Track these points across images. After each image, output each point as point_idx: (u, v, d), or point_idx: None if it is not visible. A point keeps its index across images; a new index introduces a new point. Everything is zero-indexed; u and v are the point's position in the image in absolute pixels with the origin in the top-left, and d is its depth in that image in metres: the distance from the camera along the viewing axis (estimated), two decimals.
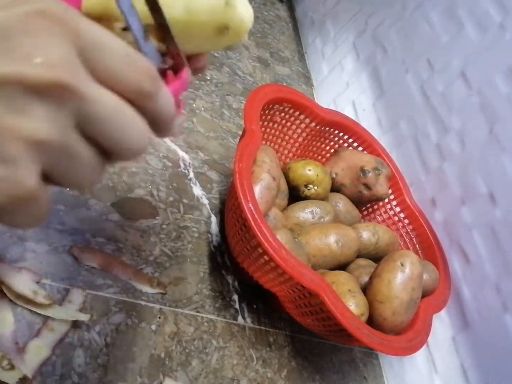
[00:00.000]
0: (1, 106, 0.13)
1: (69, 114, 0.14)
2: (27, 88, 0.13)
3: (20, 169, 0.14)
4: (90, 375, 0.37)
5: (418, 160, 0.70)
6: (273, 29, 1.07)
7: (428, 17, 0.75)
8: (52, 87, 0.13)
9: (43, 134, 0.14)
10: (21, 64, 0.13)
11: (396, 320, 0.46)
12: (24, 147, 0.13)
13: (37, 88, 0.13)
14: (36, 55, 0.13)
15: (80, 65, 0.14)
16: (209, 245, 0.54)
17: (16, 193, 0.14)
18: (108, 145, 0.16)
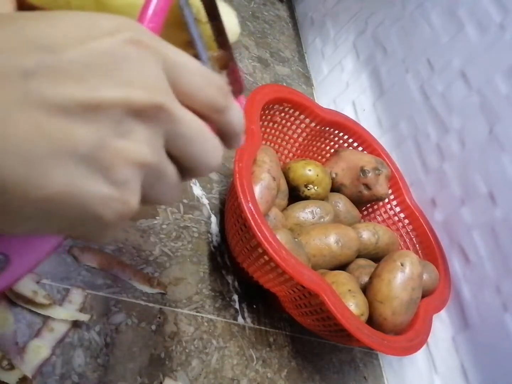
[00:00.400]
0: (109, 129, 0.14)
1: (162, 135, 0.15)
2: (132, 111, 0.14)
3: (129, 190, 0.15)
4: (90, 375, 0.37)
5: (418, 160, 0.70)
6: (273, 29, 1.07)
7: (428, 17, 0.75)
8: (154, 109, 0.15)
9: (147, 156, 0.15)
10: (126, 88, 0.14)
11: (396, 320, 0.46)
12: (132, 169, 0.14)
13: (140, 111, 0.14)
14: (138, 80, 0.14)
15: (169, 87, 0.16)
16: (209, 245, 0.54)
17: (124, 213, 0.15)
18: (190, 163, 0.17)
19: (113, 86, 0.14)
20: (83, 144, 0.13)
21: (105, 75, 0.14)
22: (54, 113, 0.13)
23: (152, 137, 0.15)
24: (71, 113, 0.13)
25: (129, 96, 0.14)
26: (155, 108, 0.15)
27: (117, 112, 0.14)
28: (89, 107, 0.13)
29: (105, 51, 0.14)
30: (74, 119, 0.13)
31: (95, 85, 0.14)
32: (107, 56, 0.14)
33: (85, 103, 0.13)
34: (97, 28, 0.14)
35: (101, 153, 0.14)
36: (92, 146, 0.14)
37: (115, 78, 0.14)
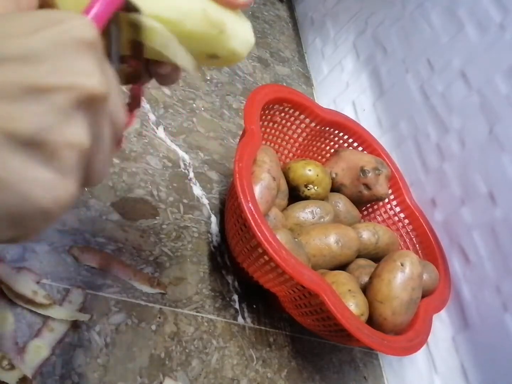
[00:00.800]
0: (54, 113, 0.14)
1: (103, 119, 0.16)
2: (77, 97, 0.15)
3: (71, 175, 0.15)
4: (90, 375, 0.37)
5: (418, 160, 0.70)
6: (273, 29, 1.07)
7: (428, 17, 0.75)
8: (98, 97, 0.15)
9: (88, 141, 0.15)
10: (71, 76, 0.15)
11: (396, 320, 0.46)
12: (75, 157, 0.15)
13: (85, 98, 0.15)
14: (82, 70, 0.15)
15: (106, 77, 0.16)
16: (209, 245, 0.54)
17: (66, 201, 0.15)
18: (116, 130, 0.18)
19: (59, 73, 0.14)
20: (25, 128, 0.13)
21: (51, 63, 0.14)
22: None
23: (93, 122, 0.15)
24: (15, 97, 0.13)
25: (74, 83, 0.14)
26: (101, 97, 0.15)
27: (62, 97, 0.14)
28: (34, 91, 0.14)
29: (52, 42, 0.14)
30: (18, 102, 0.13)
31: (40, 70, 0.14)
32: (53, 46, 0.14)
33: (30, 87, 0.14)
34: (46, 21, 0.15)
35: (44, 137, 0.14)
36: (35, 130, 0.14)
37: (60, 66, 0.14)
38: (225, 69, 0.81)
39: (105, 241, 0.45)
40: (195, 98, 0.69)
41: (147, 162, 0.55)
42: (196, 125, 0.66)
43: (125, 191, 0.50)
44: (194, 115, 0.67)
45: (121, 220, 0.47)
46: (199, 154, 0.62)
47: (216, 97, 0.73)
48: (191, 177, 0.59)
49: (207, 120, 0.68)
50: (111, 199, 0.48)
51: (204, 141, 0.65)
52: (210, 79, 0.75)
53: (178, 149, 0.60)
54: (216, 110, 0.71)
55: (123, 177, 0.51)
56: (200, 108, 0.69)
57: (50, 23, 0.15)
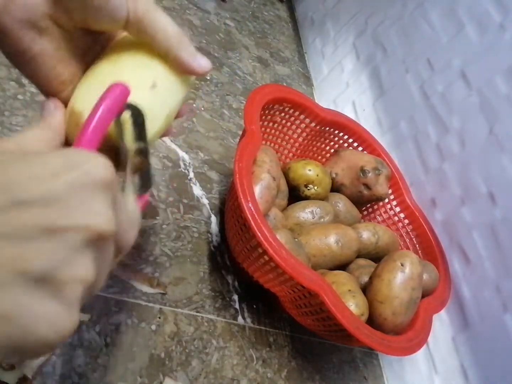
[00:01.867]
0: (65, 252, 0.15)
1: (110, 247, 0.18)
2: (89, 237, 0.16)
3: (75, 309, 0.16)
4: (90, 375, 0.37)
5: (418, 160, 0.70)
6: (273, 29, 1.07)
7: (428, 17, 0.75)
8: (107, 236, 0.17)
9: (94, 276, 0.16)
10: (83, 218, 0.16)
11: (396, 320, 0.46)
12: (81, 289, 0.16)
13: (96, 237, 0.16)
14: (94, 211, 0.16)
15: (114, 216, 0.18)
16: (209, 245, 0.54)
17: (68, 332, 0.16)
18: None
19: (73, 215, 0.16)
20: (36, 266, 0.14)
21: (68, 205, 0.16)
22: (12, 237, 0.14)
23: (99, 254, 0.17)
24: (30, 237, 0.14)
25: (86, 224, 0.16)
26: (108, 235, 0.17)
27: (74, 237, 0.16)
28: (49, 232, 0.15)
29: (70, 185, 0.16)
30: (32, 243, 0.14)
31: (57, 213, 0.15)
32: (71, 189, 0.16)
33: (45, 228, 0.15)
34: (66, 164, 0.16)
35: (53, 274, 0.15)
36: (46, 268, 0.15)
37: (76, 208, 0.16)
38: (225, 69, 0.81)
39: None
40: (195, 98, 0.69)
41: None
42: (196, 125, 0.66)
43: None
44: (194, 115, 0.67)
45: None
46: (199, 154, 0.62)
47: (216, 97, 0.73)
48: (191, 177, 0.59)
49: (207, 120, 0.68)
50: None
51: (204, 141, 0.65)
52: (210, 79, 0.75)
53: (178, 149, 0.60)
54: (216, 110, 0.71)
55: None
56: (200, 108, 0.69)
57: (70, 166, 0.16)
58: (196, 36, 0.81)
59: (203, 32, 0.83)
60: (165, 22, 0.24)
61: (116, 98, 0.21)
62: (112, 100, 0.21)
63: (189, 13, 0.84)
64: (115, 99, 0.21)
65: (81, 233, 0.16)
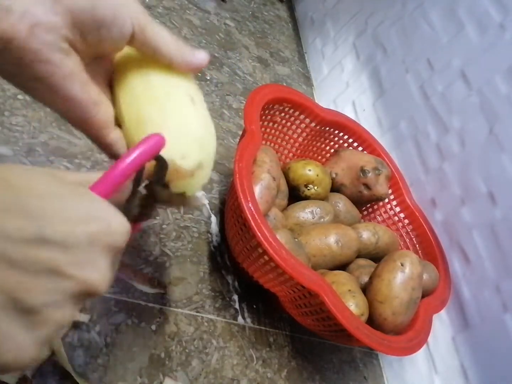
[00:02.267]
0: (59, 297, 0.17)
1: None
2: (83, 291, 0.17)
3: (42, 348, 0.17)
4: (90, 375, 0.37)
5: (418, 160, 0.70)
6: (273, 29, 1.07)
7: (428, 17, 0.75)
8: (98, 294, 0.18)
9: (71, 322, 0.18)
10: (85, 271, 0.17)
11: (396, 320, 0.46)
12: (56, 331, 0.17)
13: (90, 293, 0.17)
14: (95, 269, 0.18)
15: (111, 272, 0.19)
16: (209, 245, 0.54)
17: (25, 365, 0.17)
18: None
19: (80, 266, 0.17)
20: (31, 299, 0.16)
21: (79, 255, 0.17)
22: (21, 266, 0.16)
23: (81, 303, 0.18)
24: (37, 272, 0.16)
25: (87, 279, 0.17)
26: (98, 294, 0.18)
27: (72, 286, 0.17)
28: (54, 273, 0.16)
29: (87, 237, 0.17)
30: (37, 277, 0.16)
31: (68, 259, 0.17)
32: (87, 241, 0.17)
33: (53, 269, 0.16)
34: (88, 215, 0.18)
35: (40, 310, 0.16)
36: (38, 303, 0.16)
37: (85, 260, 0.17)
38: (225, 69, 0.81)
39: None
40: None
41: None
42: None
43: None
44: None
45: None
46: None
47: (216, 97, 0.73)
48: None
49: None
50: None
51: None
52: (210, 79, 0.75)
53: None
54: (216, 110, 0.71)
55: None
56: None
57: (96, 219, 0.18)
58: (196, 36, 0.81)
59: (203, 32, 0.83)
60: (162, 32, 0.25)
61: (150, 149, 0.22)
62: (147, 151, 0.22)
63: (189, 13, 0.84)
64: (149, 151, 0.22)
65: (80, 285, 0.17)
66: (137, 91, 0.26)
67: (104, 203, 0.19)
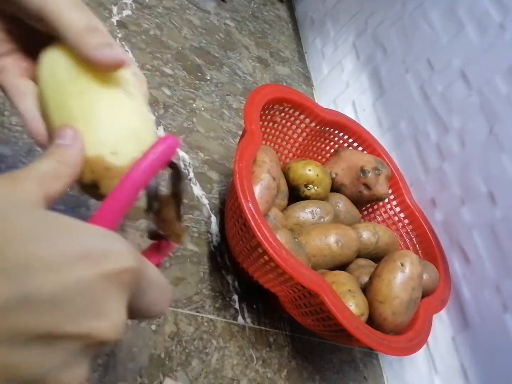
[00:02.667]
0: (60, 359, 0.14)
1: None
2: (89, 345, 0.15)
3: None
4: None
5: (418, 160, 0.70)
6: (273, 29, 1.07)
7: (428, 17, 0.75)
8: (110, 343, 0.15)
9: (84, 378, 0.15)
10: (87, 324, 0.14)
11: (396, 320, 0.46)
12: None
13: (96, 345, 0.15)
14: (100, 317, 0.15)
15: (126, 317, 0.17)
16: (209, 245, 0.54)
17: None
18: None
19: (79, 320, 0.14)
20: (26, 373, 0.14)
21: (75, 306, 0.14)
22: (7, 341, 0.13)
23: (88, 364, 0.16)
24: (26, 342, 0.13)
25: (91, 332, 0.14)
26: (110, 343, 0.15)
27: (74, 345, 0.14)
28: (48, 337, 0.14)
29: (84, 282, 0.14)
30: (27, 348, 0.13)
31: (62, 316, 0.14)
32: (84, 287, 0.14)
33: (45, 334, 0.13)
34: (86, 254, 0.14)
35: (43, 380, 0.14)
36: (36, 374, 0.14)
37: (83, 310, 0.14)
38: (225, 69, 0.81)
39: None
40: (195, 98, 0.69)
41: None
42: (196, 125, 0.66)
43: None
44: (194, 115, 0.67)
45: None
46: (199, 154, 0.62)
47: (216, 97, 0.73)
48: (191, 177, 0.59)
49: (207, 120, 0.68)
50: None
51: (204, 141, 0.65)
52: (210, 79, 0.75)
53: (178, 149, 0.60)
54: (216, 110, 0.71)
55: None
56: (200, 108, 0.69)
57: (91, 257, 0.14)
58: (196, 36, 0.81)
59: (203, 32, 0.83)
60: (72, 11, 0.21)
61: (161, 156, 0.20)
62: (158, 159, 0.19)
63: (189, 13, 0.84)
64: (160, 158, 0.19)
65: (83, 340, 0.14)
66: (63, 82, 0.22)
67: (109, 234, 0.16)
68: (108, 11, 0.67)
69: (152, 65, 0.67)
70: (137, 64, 0.64)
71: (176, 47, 0.74)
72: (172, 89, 0.66)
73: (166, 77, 0.67)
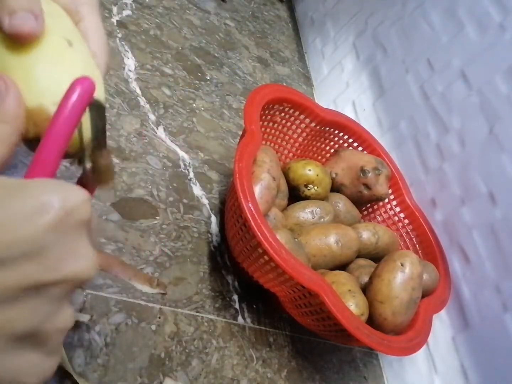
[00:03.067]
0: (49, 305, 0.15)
1: None
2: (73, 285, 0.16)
3: (57, 354, 0.16)
4: (90, 375, 0.37)
5: (418, 160, 0.70)
6: (273, 29, 1.07)
7: (428, 17, 0.75)
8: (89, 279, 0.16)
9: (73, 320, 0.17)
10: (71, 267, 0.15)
11: (396, 320, 0.46)
12: (62, 336, 0.16)
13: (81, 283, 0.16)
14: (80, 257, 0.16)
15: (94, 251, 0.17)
16: (209, 245, 0.54)
17: (48, 376, 0.16)
18: None
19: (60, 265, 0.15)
20: (22, 325, 0.14)
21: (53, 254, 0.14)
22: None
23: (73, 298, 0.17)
24: (15, 297, 0.14)
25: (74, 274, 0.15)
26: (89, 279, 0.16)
27: (60, 289, 0.15)
28: (34, 287, 0.14)
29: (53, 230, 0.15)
30: (17, 303, 0.14)
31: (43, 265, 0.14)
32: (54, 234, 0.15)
33: (31, 285, 0.14)
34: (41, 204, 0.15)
35: (37, 328, 0.15)
36: (31, 325, 0.14)
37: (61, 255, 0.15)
38: (225, 69, 0.81)
39: (105, 241, 0.45)
40: (195, 98, 0.69)
41: (147, 162, 0.55)
42: (196, 125, 0.66)
43: (125, 191, 0.50)
44: (194, 115, 0.67)
45: (121, 220, 0.47)
46: (199, 154, 0.62)
47: (216, 97, 0.73)
48: (191, 177, 0.59)
49: (207, 120, 0.68)
50: (111, 199, 0.48)
51: (204, 141, 0.65)
52: (210, 79, 0.75)
53: (178, 149, 0.60)
54: (216, 110, 0.71)
55: (123, 177, 0.51)
56: (200, 108, 0.69)
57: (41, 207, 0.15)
58: (196, 36, 0.81)
59: (203, 32, 0.83)
60: None
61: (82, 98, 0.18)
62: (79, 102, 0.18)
63: (189, 13, 0.84)
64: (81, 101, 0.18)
65: (66, 284, 0.15)
66: None
67: (48, 182, 0.16)
68: (108, 11, 0.67)
69: (152, 65, 0.67)
70: (136, 64, 0.64)
71: (176, 47, 0.74)
72: (172, 89, 0.67)
73: (166, 77, 0.67)
